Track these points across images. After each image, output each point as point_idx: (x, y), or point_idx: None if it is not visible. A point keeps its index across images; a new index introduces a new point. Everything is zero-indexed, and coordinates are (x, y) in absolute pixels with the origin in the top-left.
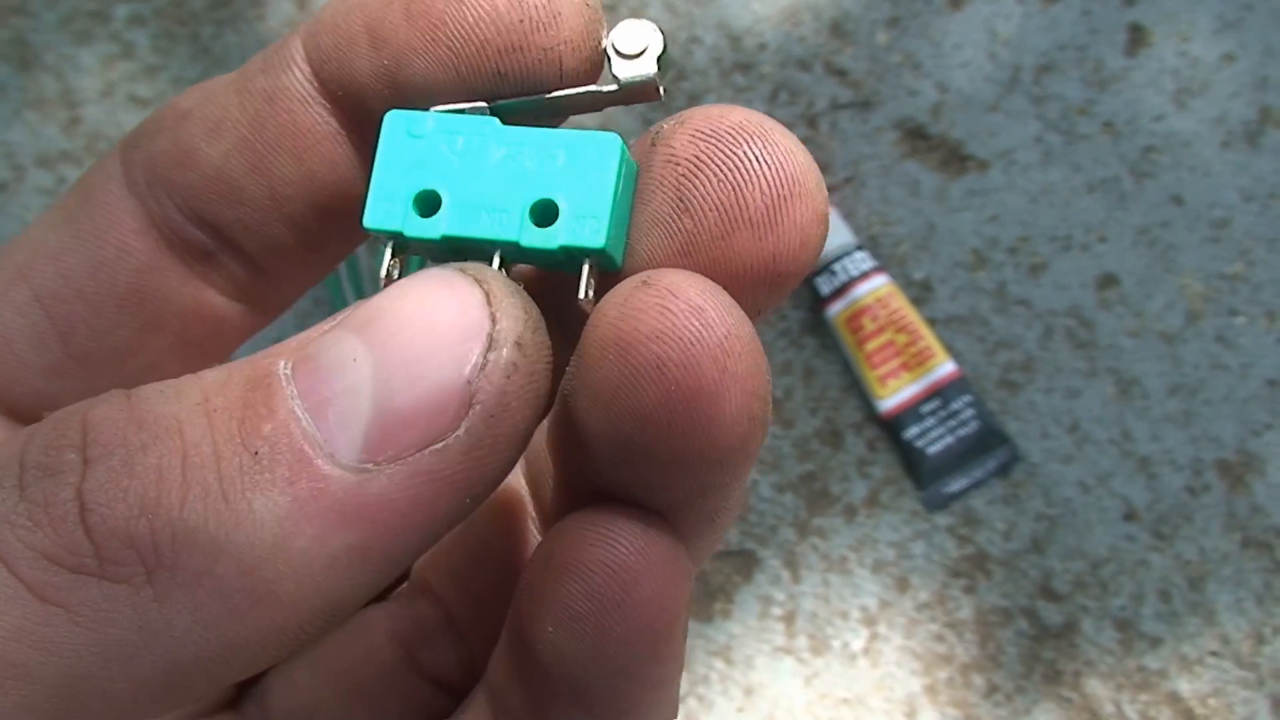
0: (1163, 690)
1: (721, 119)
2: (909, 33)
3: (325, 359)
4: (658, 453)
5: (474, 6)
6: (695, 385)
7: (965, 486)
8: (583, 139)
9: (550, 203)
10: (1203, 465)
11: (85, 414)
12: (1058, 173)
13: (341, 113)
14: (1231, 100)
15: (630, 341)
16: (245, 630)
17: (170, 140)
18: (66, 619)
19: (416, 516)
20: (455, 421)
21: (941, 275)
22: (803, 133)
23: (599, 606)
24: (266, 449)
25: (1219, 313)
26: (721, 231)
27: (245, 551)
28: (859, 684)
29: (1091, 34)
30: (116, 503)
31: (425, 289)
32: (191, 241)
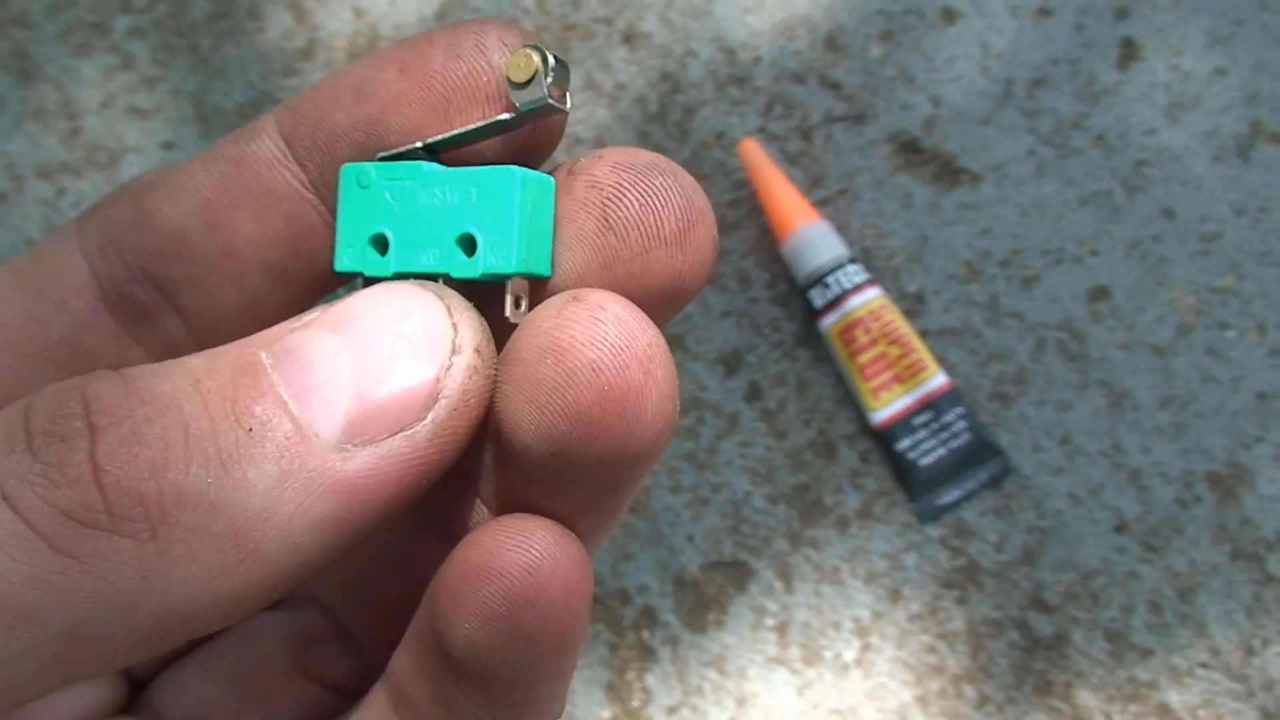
0: (1153, 701)
1: (636, 155)
2: (902, 47)
3: (305, 352)
4: (587, 448)
5: (469, 59)
6: (624, 386)
7: (957, 498)
8: (488, 175)
9: (470, 236)
10: (1193, 477)
11: (83, 388)
12: (1050, 186)
13: (308, 170)
14: (1223, 115)
15: (566, 347)
16: (231, 584)
17: (130, 205)
18: (78, 568)
19: (384, 492)
20: (423, 413)
21: (934, 288)
22: (797, 146)
23: (514, 605)
24: (259, 426)
25: (1210, 326)
26: (641, 249)
27: (239, 514)
28: (851, 694)
29: (1084, 48)
30: (129, 466)
31: (395, 299)
32: (133, 300)
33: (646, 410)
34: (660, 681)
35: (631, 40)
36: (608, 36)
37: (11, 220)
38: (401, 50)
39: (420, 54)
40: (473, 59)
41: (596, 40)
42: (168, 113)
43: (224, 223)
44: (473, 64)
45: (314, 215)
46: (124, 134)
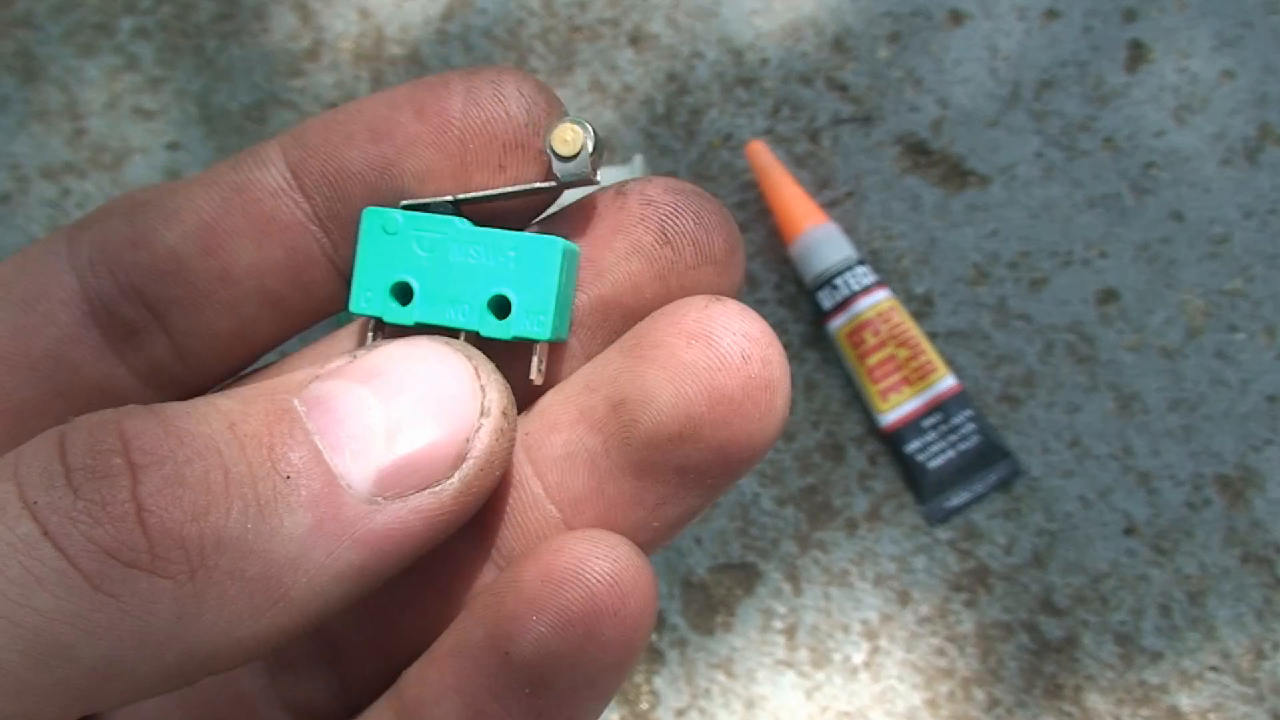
0: (1163, 705)
1: (683, 184)
2: (910, 48)
3: (338, 403)
4: (719, 431)
5: (488, 106)
6: (765, 378)
7: (966, 501)
8: (529, 242)
9: (504, 298)
10: (1203, 480)
11: (119, 424)
12: (1058, 188)
13: (314, 203)
14: (1231, 117)
15: (718, 335)
16: (258, 626)
17: (124, 223)
18: (116, 607)
19: (407, 545)
20: (450, 471)
21: (942, 290)
22: (804, 147)
23: (595, 613)
24: (296, 475)
25: (1219, 328)
26: (694, 263)
27: (272, 560)
28: (860, 697)
29: (1092, 50)
30: (173, 508)
31: (426, 356)
32: (121, 318)
33: (777, 404)
34: (668, 684)
35: (638, 42)
36: (614, 38)
37: (16, 221)
38: (418, 92)
39: (438, 98)
40: (491, 107)
41: (603, 41)
42: (172, 114)
43: (223, 248)
44: (491, 112)
45: (315, 248)
46: (128, 135)
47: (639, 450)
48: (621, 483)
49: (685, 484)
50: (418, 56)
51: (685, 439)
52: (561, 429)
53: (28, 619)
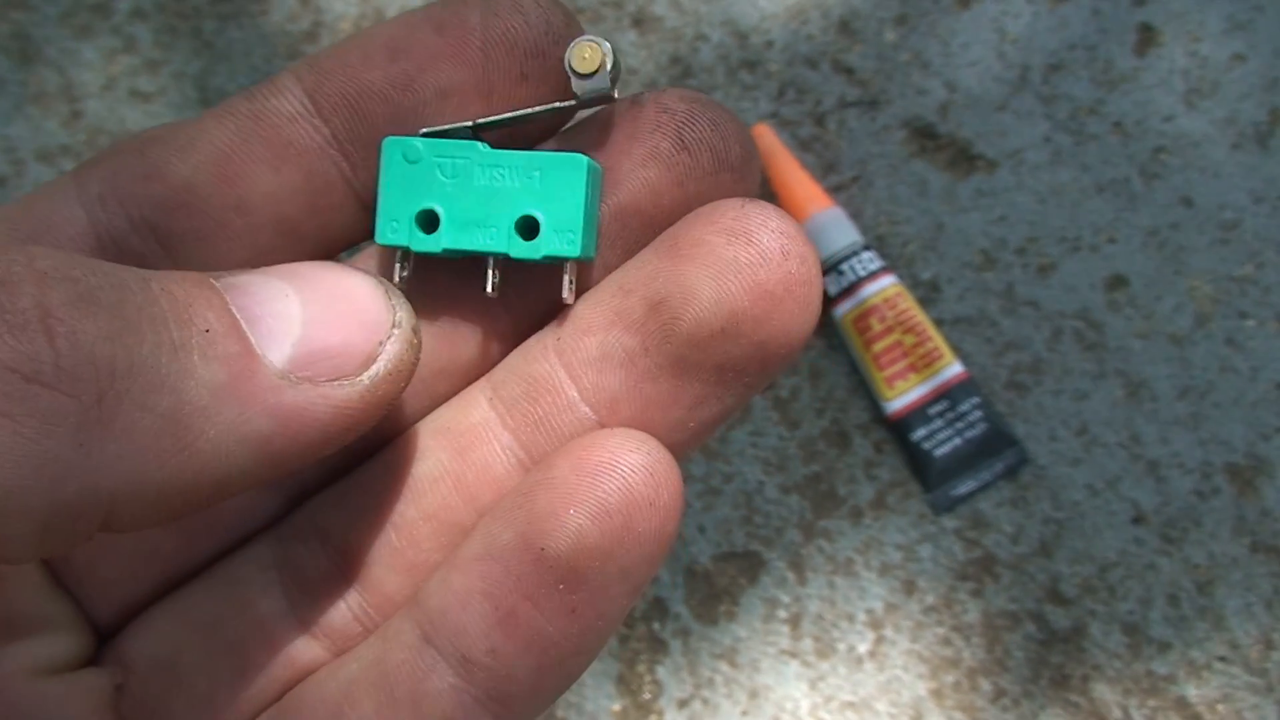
0: (1171, 695)
1: (697, 94)
2: (917, 31)
3: (256, 288)
4: (760, 326)
5: (507, 18)
6: (804, 275)
7: (973, 489)
8: (555, 160)
9: (532, 218)
10: (1212, 469)
11: (25, 247)
12: (1067, 173)
13: (333, 126)
14: (1242, 101)
15: (757, 231)
16: (161, 474)
17: (136, 157)
18: (11, 428)
19: (313, 431)
20: (361, 369)
21: (949, 276)
22: (810, 131)
23: (632, 503)
24: (214, 332)
25: (1229, 315)
26: (712, 169)
27: (183, 400)
28: (865, 687)
29: (1101, 34)
30: (84, 320)
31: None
32: (131, 253)
33: (814, 300)
34: (671, 674)
35: (641, 24)
36: (617, 20)
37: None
38: (434, 10)
39: (456, 13)
40: (510, 18)
41: (606, 23)
42: (170, 96)
43: (239, 175)
44: (510, 23)
45: (334, 172)
46: (126, 117)
47: (680, 347)
48: (660, 381)
49: (723, 381)
50: None
51: (727, 334)
52: (596, 331)
53: None
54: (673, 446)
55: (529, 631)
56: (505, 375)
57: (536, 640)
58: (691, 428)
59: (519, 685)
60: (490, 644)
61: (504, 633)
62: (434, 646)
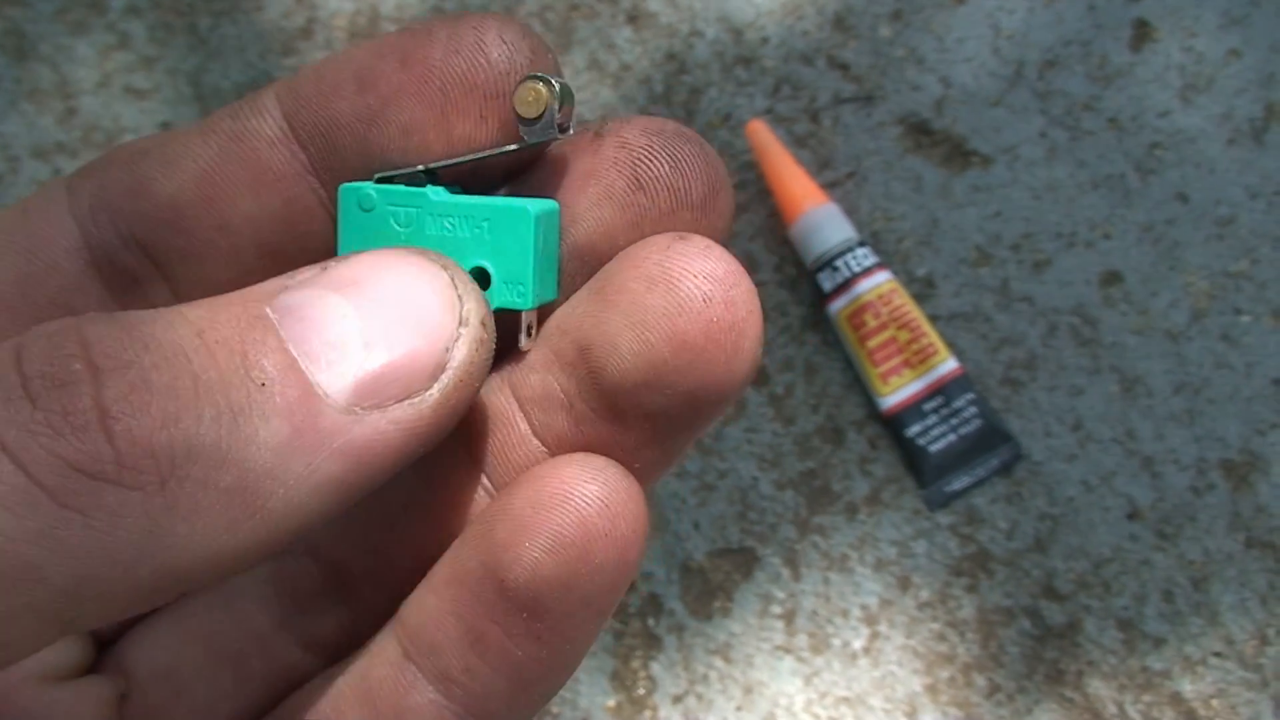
0: (1166, 691)
1: (664, 123)
2: (912, 27)
3: (312, 312)
4: (683, 377)
5: (468, 55)
6: (730, 321)
7: (967, 485)
8: (501, 210)
9: (483, 269)
10: (1207, 465)
11: (79, 329)
12: (1062, 169)
13: (309, 154)
14: (1237, 97)
15: (678, 278)
16: (234, 541)
17: (124, 171)
18: (82, 523)
19: (387, 457)
20: (429, 382)
21: (944, 272)
22: (805, 127)
23: (588, 536)
24: (271, 382)
25: (1224, 311)
26: (669, 209)
27: (248, 470)
28: (859, 683)
29: (1096, 29)
30: (140, 414)
31: (400, 265)
32: (123, 267)
33: (744, 347)
34: (666, 669)
35: (636, 20)
36: (612, 16)
37: (7, 201)
38: (403, 40)
39: (420, 45)
40: (471, 56)
41: (600, 20)
42: (165, 93)
43: (221, 198)
44: (471, 60)
45: (313, 199)
46: (121, 114)
47: (608, 396)
48: (597, 425)
49: (658, 428)
50: None
51: (651, 386)
52: (538, 368)
53: None
54: None
55: (499, 654)
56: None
57: (507, 662)
58: (638, 469)
59: (495, 703)
60: (465, 663)
61: (477, 654)
62: (414, 663)
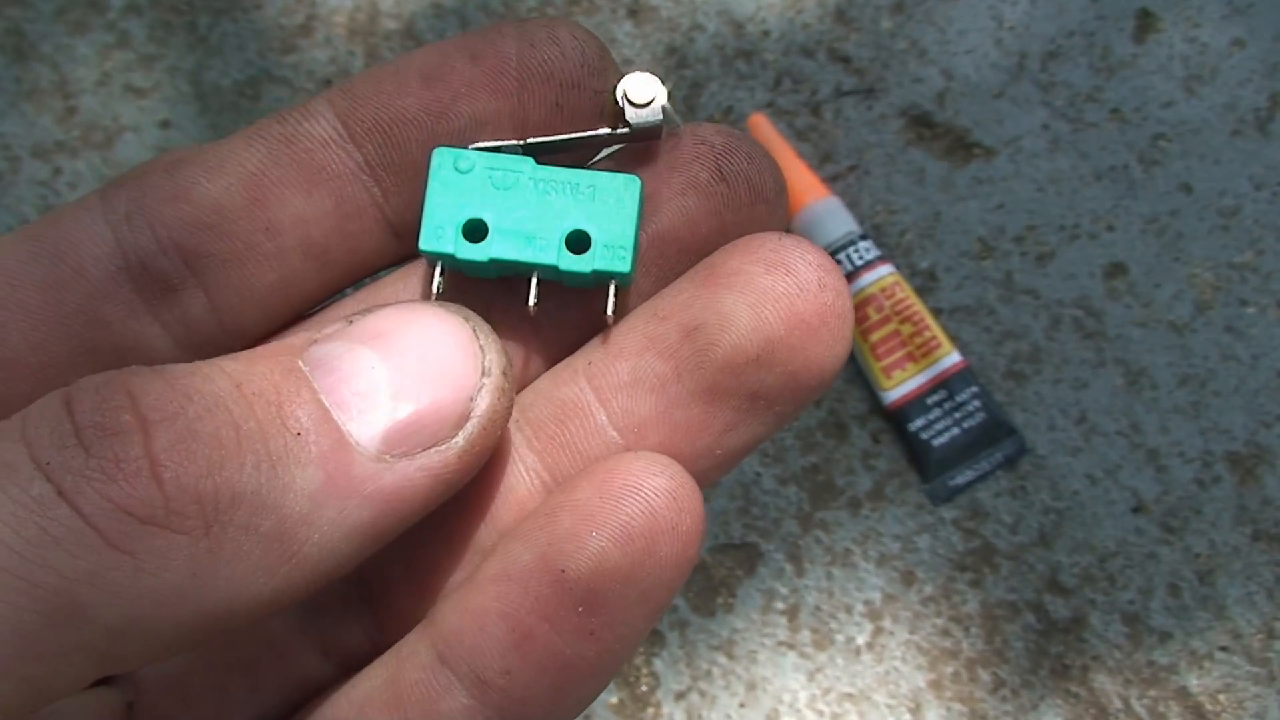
0: (1172, 685)
1: (731, 129)
2: (914, 19)
3: (342, 364)
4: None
5: (543, 49)
6: (839, 308)
7: (971, 479)
8: (609, 179)
9: (583, 233)
10: (1212, 457)
11: (125, 382)
12: (1065, 161)
13: (364, 152)
14: (1241, 87)
15: (794, 263)
16: (273, 584)
17: (165, 177)
18: (132, 565)
19: (414, 503)
20: (455, 430)
21: (947, 264)
22: (806, 121)
23: (655, 528)
24: (306, 432)
25: (1229, 302)
26: (748, 201)
27: (285, 515)
28: (863, 679)
29: (1099, 20)
30: (187, 463)
31: (423, 317)
32: (157, 274)
33: (846, 333)
34: (668, 666)
35: (637, 14)
36: (612, 10)
37: (7, 201)
38: (470, 39)
39: (492, 43)
40: (547, 49)
41: (601, 14)
42: (165, 91)
43: (269, 198)
44: (547, 54)
45: (365, 197)
46: (120, 113)
47: (713, 374)
48: (690, 408)
49: (754, 409)
50: (413, 31)
51: (762, 363)
52: (628, 355)
53: (46, 579)
54: (698, 474)
55: (546, 653)
56: (534, 398)
57: (553, 662)
58: (718, 455)
59: (533, 707)
60: (506, 665)
61: (520, 654)
62: (448, 667)
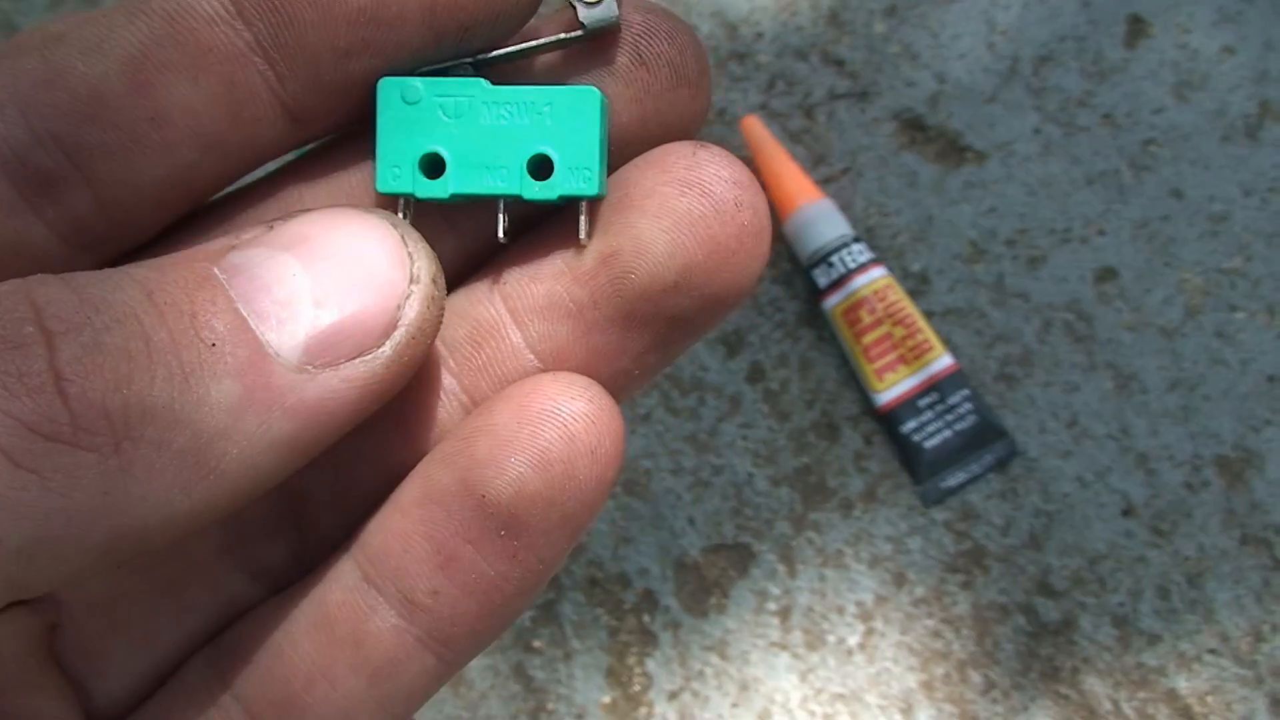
0: (1161, 688)
1: (652, 3)
2: (907, 22)
3: (262, 270)
4: (713, 278)
5: None
6: (757, 225)
7: (963, 481)
8: (565, 94)
9: (545, 157)
10: (1202, 461)
11: (29, 292)
12: (1056, 165)
13: (255, 30)
14: (1232, 93)
15: (710, 183)
16: (190, 501)
17: (39, 59)
18: (39, 484)
19: (339, 416)
20: (382, 339)
21: (939, 268)
22: (800, 123)
23: (574, 451)
24: (221, 342)
25: (1218, 308)
26: (670, 85)
27: (201, 430)
28: (855, 679)
29: (1091, 25)
30: (94, 376)
31: (351, 224)
32: (36, 167)
33: (763, 251)
34: (661, 666)
35: None
36: None
37: None
38: None
39: None
40: None
41: None
42: None
43: (153, 84)
44: None
45: (259, 81)
46: None
47: (630, 301)
48: (608, 333)
49: (673, 332)
50: None
51: (680, 288)
52: (544, 279)
53: None
54: (616, 392)
55: (471, 575)
56: (449, 315)
57: (479, 584)
58: (635, 375)
59: (460, 626)
60: (433, 585)
61: (446, 576)
62: (375, 587)
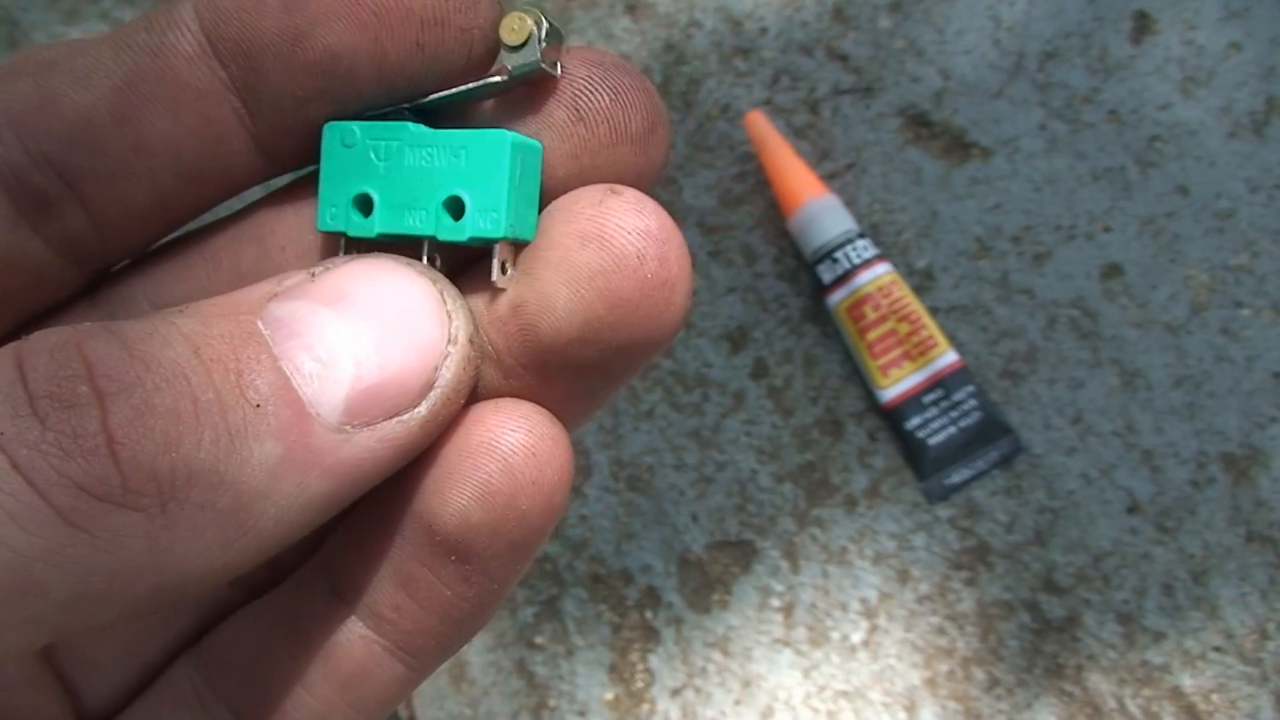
0: (1165, 685)
1: (605, 54)
2: (912, 18)
3: (304, 327)
4: (617, 332)
5: None
6: (663, 277)
7: (967, 478)
8: (478, 138)
9: (458, 199)
10: (1207, 458)
11: (80, 346)
12: (1062, 161)
13: (230, 71)
14: (1238, 90)
15: (612, 235)
16: (227, 557)
17: (32, 85)
18: (89, 542)
19: (373, 474)
20: (418, 399)
21: (944, 264)
22: (804, 118)
23: (515, 484)
24: (265, 403)
25: (1224, 304)
26: (609, 142)
27: (242, 491)
28: (858, 676)
29: (1096, 21)
30: (144, 439)
31: (391, 280)
32: (32, 187)
33: (676, 302)
34: (664, 663)
35: (635, 10)
36: (610, 6)
37: None
38: None
39: None
40: None
41: (599, 10)
42: None
43: (136, 116)
44: None
45: (233, 118)
46: None
47: (540, 352)
48: (525, 379)
49: (586, 381)
50: None
51: (586, 341)
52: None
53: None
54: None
55: (429, 594)
56: None
57: (437, 603)
58: (562, 419)
59: (425, 639)
60: (395, 602)
61: (407, 593)
62: (342, 600)
